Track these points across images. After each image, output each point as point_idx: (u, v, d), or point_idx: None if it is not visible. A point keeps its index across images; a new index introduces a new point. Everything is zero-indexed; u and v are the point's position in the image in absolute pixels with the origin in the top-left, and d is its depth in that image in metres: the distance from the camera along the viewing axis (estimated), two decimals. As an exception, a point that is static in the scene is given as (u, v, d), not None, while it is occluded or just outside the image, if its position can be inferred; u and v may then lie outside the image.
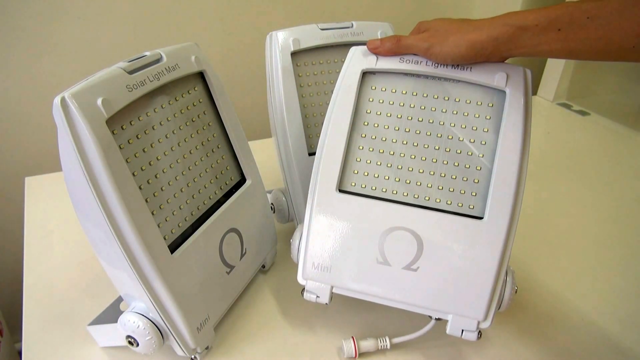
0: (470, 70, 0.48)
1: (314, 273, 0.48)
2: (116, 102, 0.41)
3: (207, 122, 0.53)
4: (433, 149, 0.49)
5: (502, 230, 0.45)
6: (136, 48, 0.97)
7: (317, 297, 0.49)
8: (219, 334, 0.54)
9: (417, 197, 0.48)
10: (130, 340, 0.47)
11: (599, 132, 1.06)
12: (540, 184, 0.84)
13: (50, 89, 0.94)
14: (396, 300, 0.47)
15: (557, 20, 0.41)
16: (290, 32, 0.60)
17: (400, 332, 0.52)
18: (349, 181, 0.49)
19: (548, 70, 1.18)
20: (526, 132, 0.47)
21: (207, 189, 0.52)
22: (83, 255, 0.66)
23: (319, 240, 0.48)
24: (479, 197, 0.47)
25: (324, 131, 0.50)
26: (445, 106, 0.49)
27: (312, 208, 0.49)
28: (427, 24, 0.48)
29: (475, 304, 0.46)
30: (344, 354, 0.51)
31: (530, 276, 0.64)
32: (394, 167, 0.49)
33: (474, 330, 0.46)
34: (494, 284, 0.45)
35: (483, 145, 0.48)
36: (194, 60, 0.50)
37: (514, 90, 0.47)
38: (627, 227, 0.75)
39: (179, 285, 0.46)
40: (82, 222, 0.45)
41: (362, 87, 0.51)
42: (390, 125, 0.50)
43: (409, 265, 0.46)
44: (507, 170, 0.46)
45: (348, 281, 0.48)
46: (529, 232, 0.71)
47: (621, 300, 0.61)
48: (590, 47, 0.41)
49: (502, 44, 0.44)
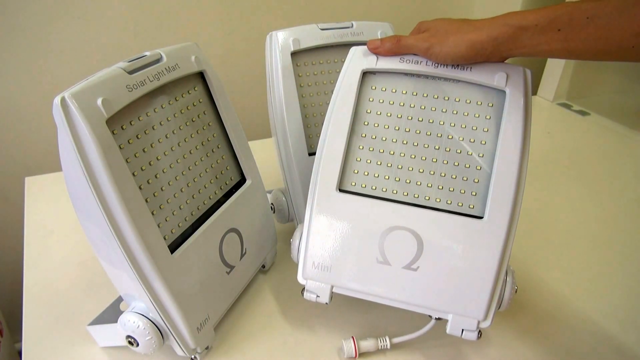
0: (470, 70, 0.48)
1: (314, 273, 0.48)
2: (116, 102, 0.41)
3: (207, 122, 0.53)
4: (433, 149, 0.49)
5: (502, 229, 0.45)
6: (136, 48, 0.97)
7: (317, 297, 0.49)
8: (219, 334, 0.54)
9: (417, 196, 0.48)
10: (130, 340, 0.47)
11: (599, 132, 1.06)
12: (540, 184, 0.84)
13: (50, 89, 0.94)
14: (396, 300, 0.47)
15: (556, 20, 0.41)
16: (290, 32, 0.60)
17: (400, 332, 0.52)
18: (349, 181, 0.49)
19: (548, 70, 1.18)
20: (526, 132, 0.46)
21: (207, 189, 0.52)
22: (83, 255, 0.66)
23: (319, 240, 0.48)
24: (479, 197, 0.47)
25: (324, 131, 0.50)
26: (445, 106, 0.49)
27: (312, 208, 0.49)
28: (427, 24, 0.48)
29: (475, 303, 0.46)
30: (344, 354, 0.51)
31: (530, 276, 0.64)
32: (394, 166, 0.49)
33: (474, 329, 0.46)
34: (494, 284, 0.45)
35: (483, 145, 0.48)
36: (194, 60, 0.50)
37: (514, 90, 0.47)
38: (627, 227, 0.75)
39: (179, 285, 0.46)
40: (82, 222, 0.45)
41: (362, 87, 0.51)
42: (390, 125, 0.50)
43: (409, 265, 0.47)
44: (507, 170, 0.46)
45: (348, 281, 0.48)
46: (529, 232, 0.71)
47: (621, 300, 0.61)
48: (590, 47, 0.41)
49: (502, 44, 0.44)
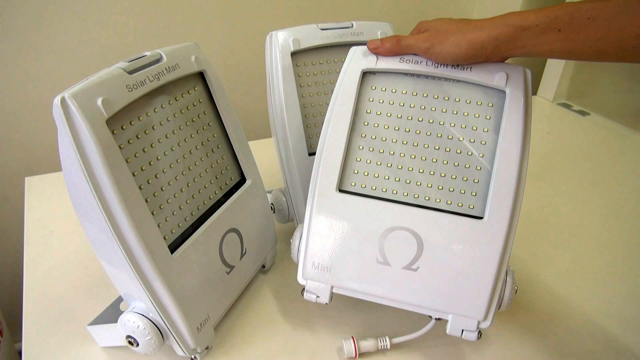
0: (470, 70, 0.48)
1: (314, 273, 0.48)
2: (116, 102, 0.41)
3: (207, 122, 0.53)
4: (433, 149, 0.49)
5: (502, 230, 0.45)
6: (136, 48, 0.97)
7: (317, 297, 0.49)
8: (219, 334, 0.54)
9: (417, 197, 0.48)
10: (130, 340, 0.47)
11: (599, 132, 1.06)
12: (540, 184, 0.84)
13: (50, 89, 0.94)
14: (396, 300, 0.47)
15: (557, 20, 0.41)
16: (290, 32, 0.60)
17: (400, 332, 0.52)
18: (349, 181, 0.49)
19: (548, 70, 1.18)
20: (526, 132, 0.46)
21: (207, 189, 0.52)
22: (83, 255, 0.66)
23: (319, 240, 0.48)
24: (479, 197, 0.47)
25: (324, 131, 0.50)
26: (445, 106, 0.49)
27: (312, 208, 0.48)
28: (427, 24, 0.48)
29: (475, 304, 0.46)
30: (344, 354, 0.51)
31: (530, 276, 0.64)
32: (394, 167, 0.49)
33: (474, 330, 0.46)
34: (494, 284, 0.45)
35: (483, 145, 0.48)
36: (194, 60, 0.50)
37: (514, 90, 0.47)
38: (627, 226, 0.75)
39: (179, 285, 0.46)
40: (82, 222, 0.45)
41: (362, 87, 0.50)
42: (390, 125, 0.50)
43: (408, 265, 0.46)
44: (507, 170, 0.46)
45: (348, 281, 0.48)
46: (529, 232, 0.71)
47: (622, 300, 0.61)
48: (590, 47, 0.40)
49: (502, 44, 0.44)
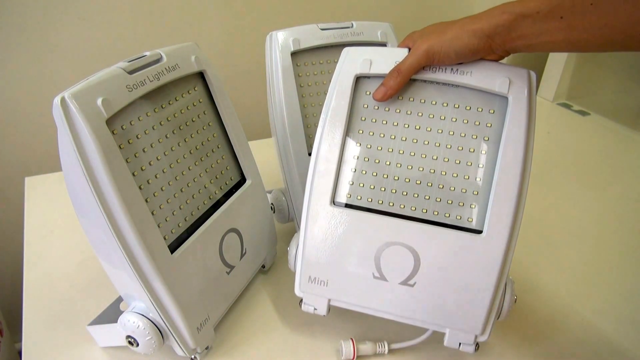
0: (471, 74, 0.45)
1: (310, 287, 0.47)
2: (116, 102, 0.41)
3: (207, 122, 0.53)
4: (431, 159, 0.46)
5: (502, 245, 0.43)
6: (136, 48, 0.97)
7: (314, 309, 0.48)
8: (219, 334, 0.54)
9: (413, 209, 0.46)
10: (130, 340, 0.47)
11: (599, 132, 1.06)
12: (540, 184, 0.84)
13: (50, 89, 0.94)
14: (393, 314, 0.47)
15: (559, 7, 0.39)
16: (290, 32, 0.60)
17: (399, 336, 0.52)
18: (344, 192, 0.47)
19: (548, 70, 1.18)
20: (529, 142, 0.44)
21: (207, 189, 0.52)
22: (83, 255, 0.66)
23: (314, 254, 0.47)
24: (478, 210, 0.45)
25: (317, 139, 0.47)
26: (443, 113, 0.47)
27: (307, 221, 0.47)
28: (418, 31, 0.46)
29: (473, 319, 0.45)
30: (342, 356, 0.51)
31: (530, 276, 0.64)
32: (390, 177, 0.47)
33: (471, 344, 0.46)
34: (492, 299, 0.44)
35: (483, 155, 0.46)
36: (194, 60, 0.50)
37: (517, 96, 0.44)
38: (628, 227, 0.75)
39: (179, 285, 0.46)
40: (82, 222, 0.45)
41: (355, 92, 0.48)
42: (386, 133, 0.47)
43: (405, 281, 0.46)
44: (508, 182, 0.43)
45: (345, 295, 0.47)
46: (528, 232, 0.71)
47: (622, 301, 0.61)
48: (594, 35, 0.38)
49: (503, 32, 0.41)
